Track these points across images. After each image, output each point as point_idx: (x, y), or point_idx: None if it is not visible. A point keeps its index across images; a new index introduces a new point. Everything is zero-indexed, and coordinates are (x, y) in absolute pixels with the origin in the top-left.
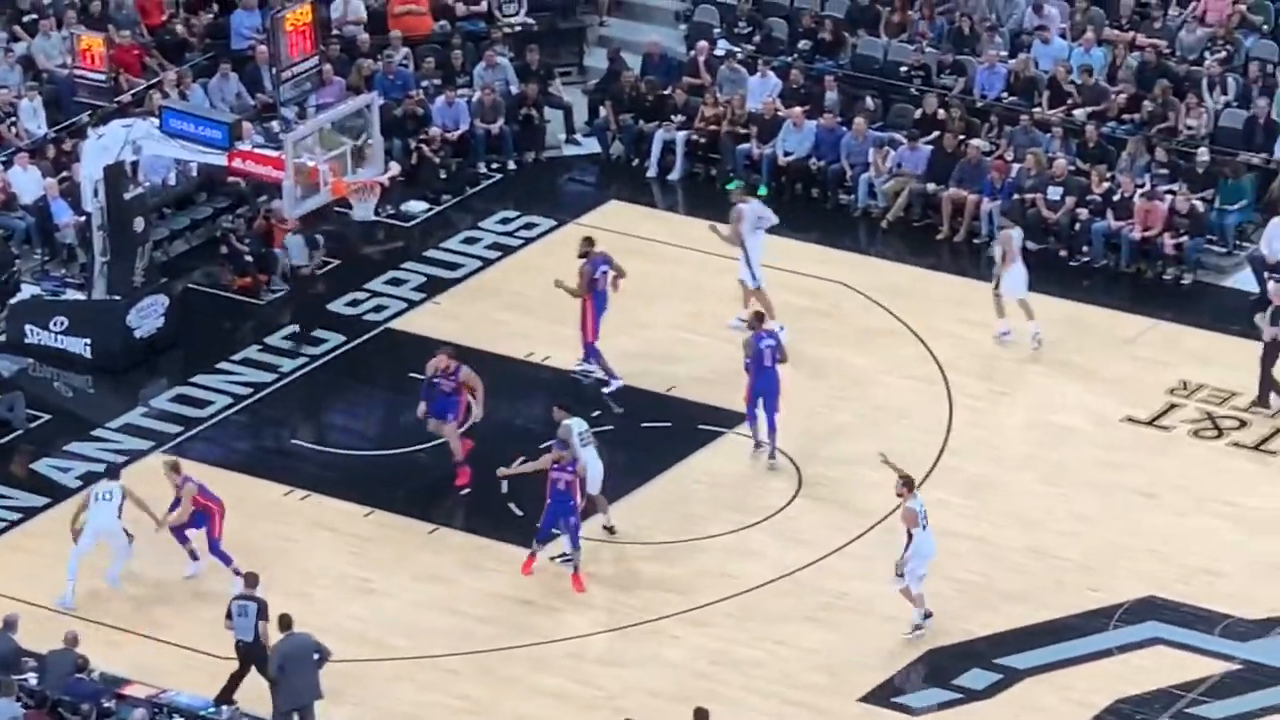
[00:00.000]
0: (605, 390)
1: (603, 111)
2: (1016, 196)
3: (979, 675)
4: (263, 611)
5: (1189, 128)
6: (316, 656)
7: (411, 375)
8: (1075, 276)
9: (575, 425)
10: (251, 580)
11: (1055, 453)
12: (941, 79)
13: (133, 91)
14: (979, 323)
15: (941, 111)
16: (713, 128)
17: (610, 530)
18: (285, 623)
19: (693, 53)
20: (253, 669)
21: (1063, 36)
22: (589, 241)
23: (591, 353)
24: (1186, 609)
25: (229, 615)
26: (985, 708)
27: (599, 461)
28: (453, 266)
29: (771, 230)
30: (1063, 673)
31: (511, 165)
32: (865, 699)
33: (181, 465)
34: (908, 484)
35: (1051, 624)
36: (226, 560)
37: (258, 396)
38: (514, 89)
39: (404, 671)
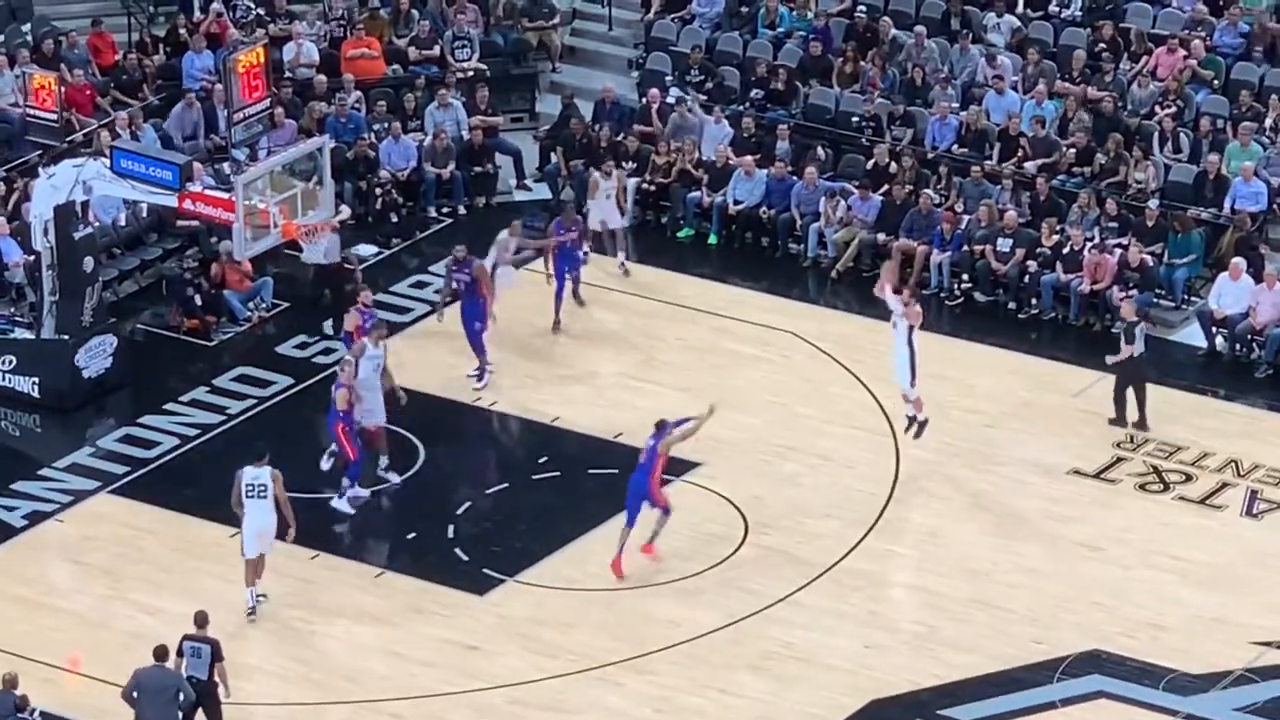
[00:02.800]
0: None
1: (554, 157)
2: (966, 248)
3: None
4: (216, 652)
5: (1138, 182)
6: (180, 697)
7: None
8: (1024, 329)
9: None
10: (201, 619)
11: (1002, 504)
12: (892, 130)
13: (84, 131)
14: (927, 374)
15: (893, 163)
16: (662, 179)
17: None
18: (159, 653)
19: (644, 100)
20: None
21: (1015, 89)
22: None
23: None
24: (1131, 663)
25: (180, 654)
26: None
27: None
28: (402, 310)
29: (722, 279)
30: None
31: (462, 210)
32: None
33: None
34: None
35: (996, 676)
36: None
37: (205, 438)
38: (465, 134)
39: (347, 715)
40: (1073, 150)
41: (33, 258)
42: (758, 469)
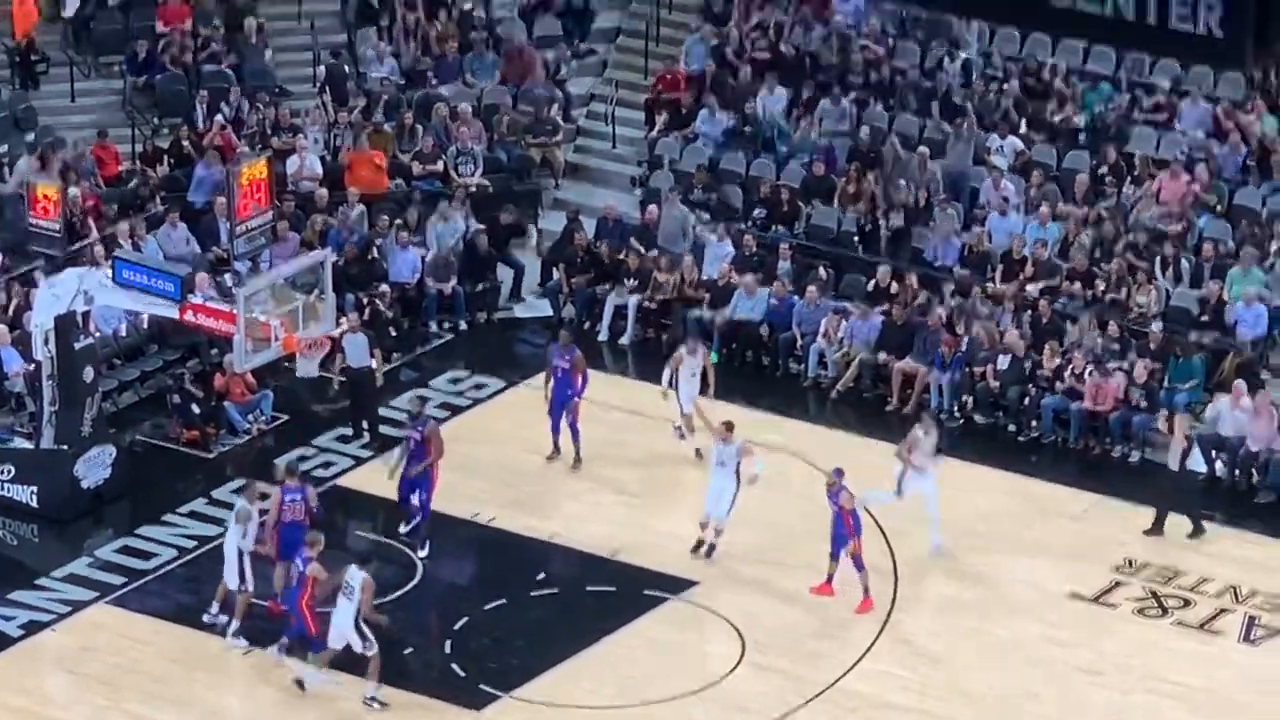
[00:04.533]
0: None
1: (555, 273)
2: (966, 369)
3: None
4: None
5: (1140, 305)
6: None
7: (359, 534)
8: (1024, 451)
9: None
10: None
11: (1001, 627)
12: (895, 251)
13: (79, 244)
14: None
15: (894, 283)
16: (664, 297)
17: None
18: None
19: (646, 216)
20: None
21: (1018, 210)
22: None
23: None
24: None
25: None
26: None
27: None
28: (401, 425)
29: (724, 397)
30: None
31: (463, 325)
32: None
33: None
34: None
35: None
36: None
37: (203, 549)
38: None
39: None
40: (1076, 272)
41: (33, 367)
42: (755, 588)
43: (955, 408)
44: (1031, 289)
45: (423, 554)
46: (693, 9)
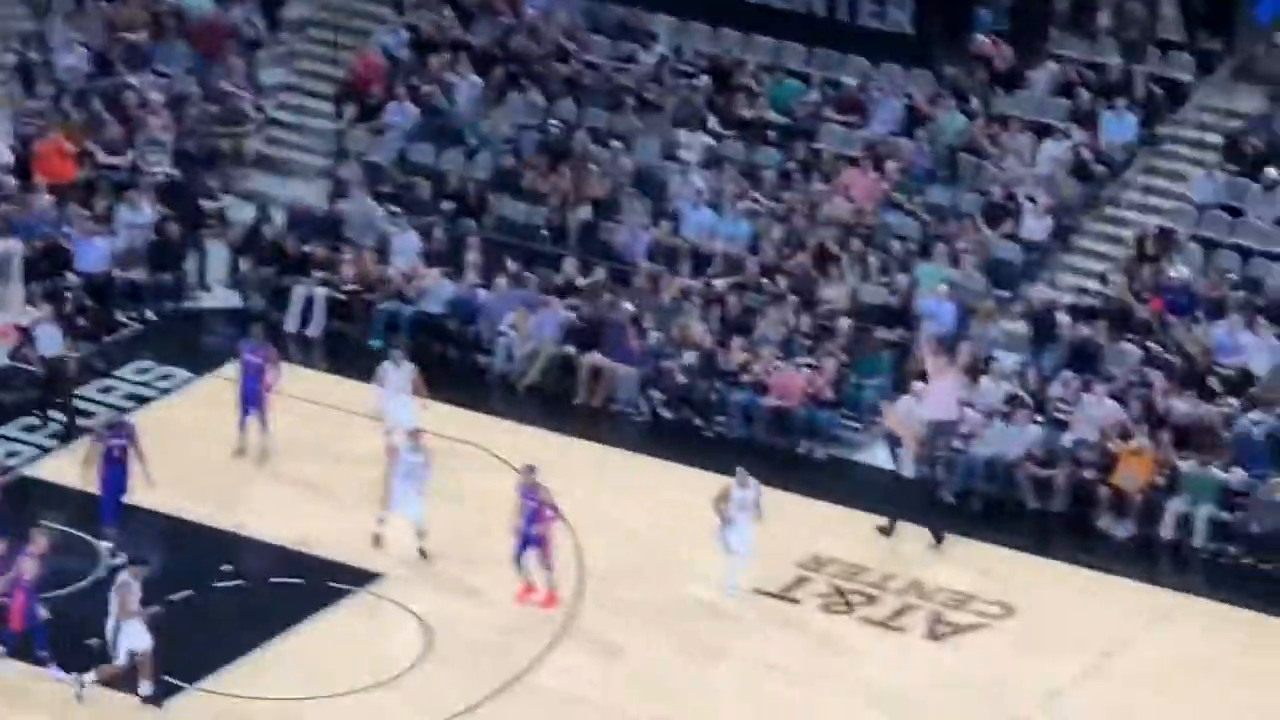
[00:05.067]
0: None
1: (244, 264)
2: (655, 363)
3: None
4: None
5: (828, 300)
6: None
7: (43, 523)
8: (711, 447)
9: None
10: None
11: (686, 623)
12: (584, 244)
13: None
14: (616, 489)
15: (579, 277)
16: (352, 289)
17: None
18: None
19: (336, 208)
20: None
21: (709, 205)
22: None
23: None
24: None
25: None
26: None
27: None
28: (88, 414)
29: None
30: None
31: (150, 314)
32: None
33: None
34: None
35: None
36: None
37: None
38: (154, 237)
39: None
40: (763, 266)
41: None
42: (443, 580)
43: (643, 403)
44: (720, 283)
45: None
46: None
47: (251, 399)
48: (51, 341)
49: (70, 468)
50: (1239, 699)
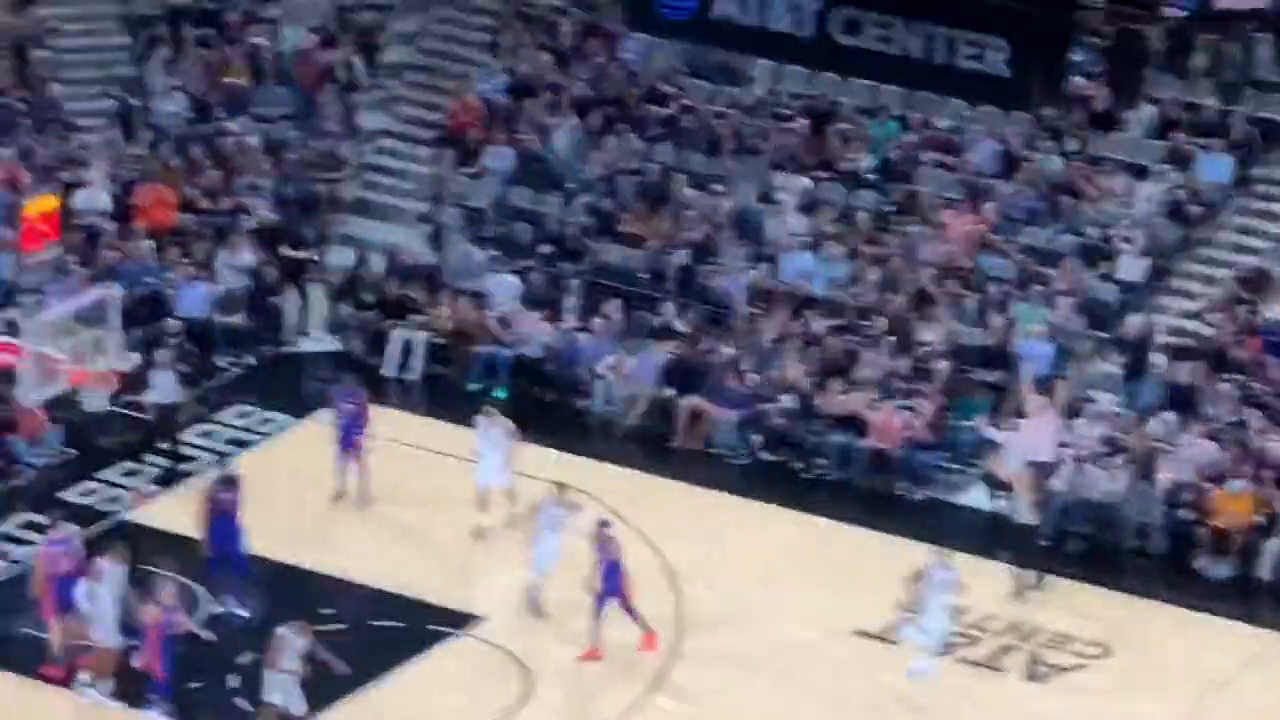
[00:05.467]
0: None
1: (343, 309)
2: (754, 407)
3: None
4: None
5: (926, 343)
6: None
7: (144, 567)
8: (810, 489)
9: None
10: None
11: (785, 664)
12: (682, 286)
13: None
14: (714, 531)
15: (679, 320)
16: (452, 333)
17: None
18: None
19: (437, 255)
20: None
21: (807, 248)
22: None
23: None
24: None
25: None
26: None
27: None
28: (189, 459)
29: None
30: None
31: (251, 359)
32: None
33: None
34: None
35: None
36: None
37: None
38: (253, 282)
39: None
40: (863, 308)
41: None
42: (543, 625)
43: (741, 445)
44: (819, 326)
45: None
46: (479, 44)
47: (348, 444)
48: (166, 388)
49: (171, 512)
50: None
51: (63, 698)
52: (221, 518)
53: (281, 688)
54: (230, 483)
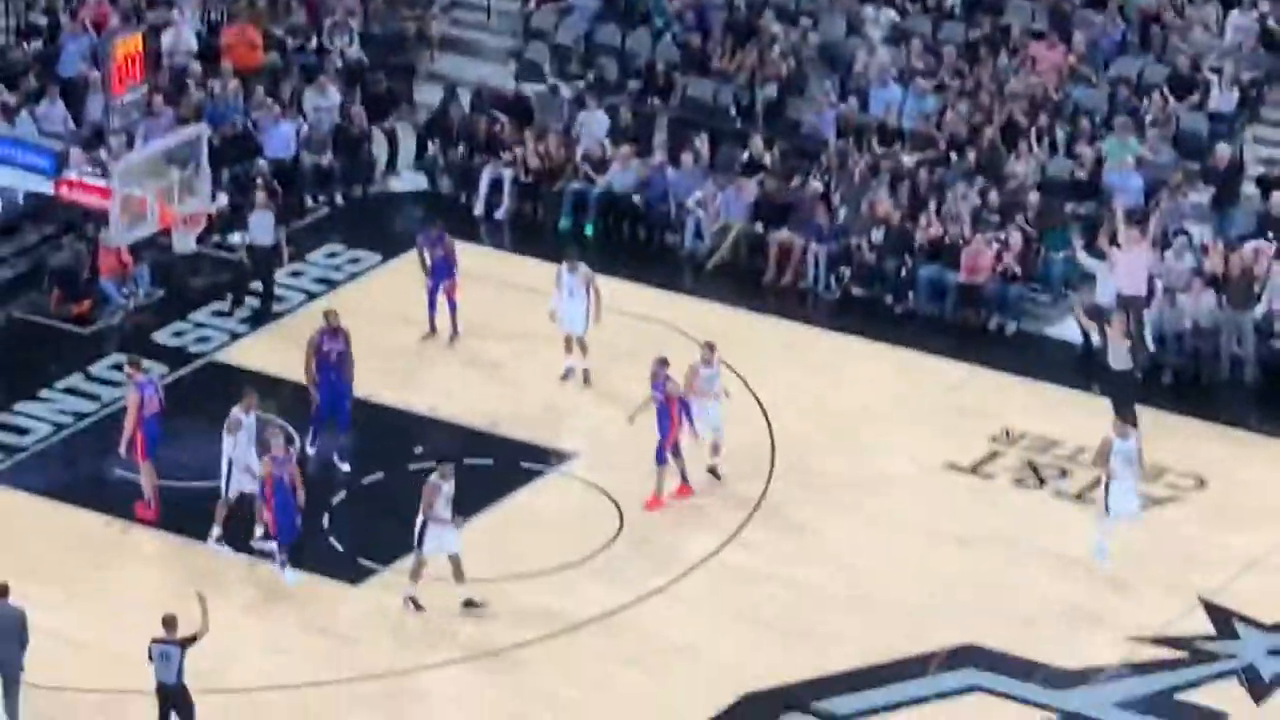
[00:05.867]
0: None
1: (431, 147)
2: (843, 240)
3: None
4: (185, 651)
5: (1016, 175)
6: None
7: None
8: (901, 323)
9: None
10: (170, 621)
11: (877, 498)
12: (771, 121)
13: None
14: (805, 366)
15: (767, 154)
16: (538, 170)
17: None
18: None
19: (523, 89)
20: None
21: (896, 81)
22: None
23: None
24: (1005, 657)
25: (150, 657)
26: None
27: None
28: (278, 299)
29: (600, 270)
30: (882, 718)
31: (339, 198)
32: None
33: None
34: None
35: (870, 669)
36: None
37: (80, 425)
38: (340, 121)
39: (219, 705)
40: (951, 142)
41: None
42: (633, 461)
43: (833, 279)
44: (908, 159)
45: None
46: None
47: (438, 283)
48: (264, 229)
49: (262, 353)
50: None
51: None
52: (329, 369)
53: (438, 536)
54: (336, 333)
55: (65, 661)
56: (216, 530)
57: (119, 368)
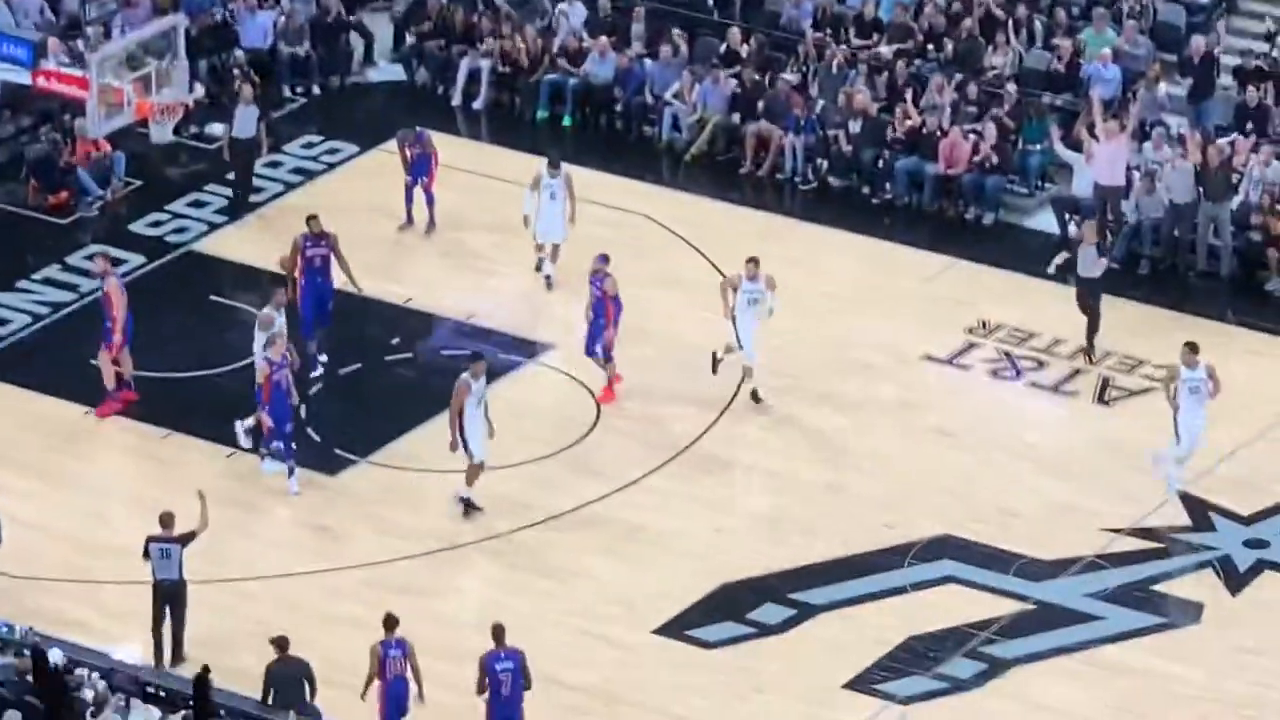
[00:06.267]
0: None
1: (408, 38)
2: (820, 132)
3: (773, 610)
4: (184, 547)
5: (994, 67)
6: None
7: (212, 298)
8: (877, 214)
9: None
10: (167, 520)
11: (854, 389)
12: (748, 13)
13: None
14: (782, 257)
15: (744, 45)
16: (517, 57)
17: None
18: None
19: None
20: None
21: None
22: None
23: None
24: (981, 548)
25: (146, 555)
26: (778, 642)
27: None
28: (256, 190)
29: (576, 161)
30: (857, 609)
31: (316, 89)
32: (659, 631)
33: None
34: None
35: (847, 560)
36: None
37: (57, 316)
38: (316, 11)
39: (197, 593)
40: (928, 33)
41: None
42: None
43: (809, 171)
44: (885, 50)
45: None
46: None
47: (416, 176)
48: (248, 123)
49: (239, 243)
50: None
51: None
52: (314, 274)
53: (476, 436)
54: (321, 238)
55: (41, 550)
56: (250, 421)
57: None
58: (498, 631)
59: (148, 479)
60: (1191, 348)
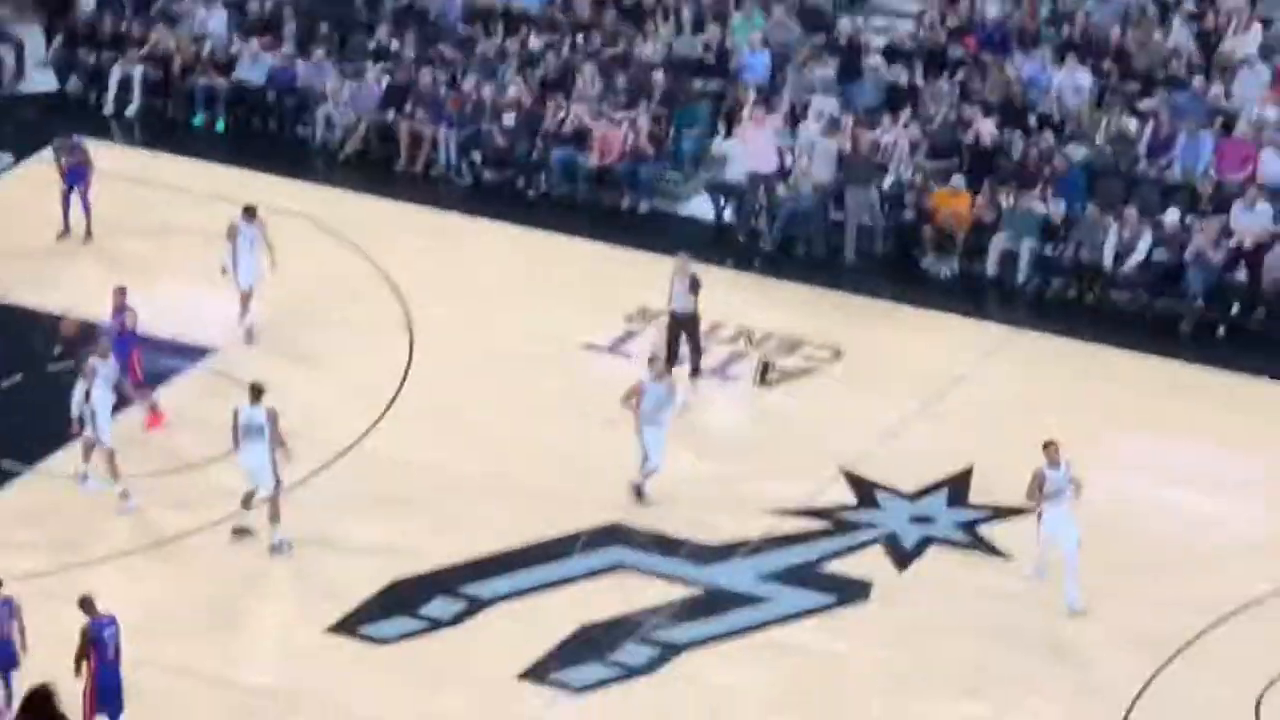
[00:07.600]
0: None
1: (54, 45)
2: (474, 127)
3: (444, 604)
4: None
5: (643, 55)
6: None
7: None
8: (534, 207)
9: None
10: None
11: (516, 378)
12: (398, 10)
13: None
14: (439, 251)
15: (395, 41)
16: (169, 66)
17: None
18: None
19: None
20: None
21: None
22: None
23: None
24: (650, 534)
25: None
26: (452, 635)
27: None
28: None
29: (233, 162)
30: (527, 600)
31: None
32: (332, 629)
33: None
34: None
35: (517, 551)
36: None
37: None
38: None
39: None
40: (577, 25)
41: None
42: (271, 356)
43: (464, 165)
44: (535, 42)
45: None
46: None
47: (72, 186)
48: None
49: None
50: (1071, 426)
51: None
52: None
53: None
54: None
55: None
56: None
57: None
58: (88, 601)
59: None
60: (1052, 446)
